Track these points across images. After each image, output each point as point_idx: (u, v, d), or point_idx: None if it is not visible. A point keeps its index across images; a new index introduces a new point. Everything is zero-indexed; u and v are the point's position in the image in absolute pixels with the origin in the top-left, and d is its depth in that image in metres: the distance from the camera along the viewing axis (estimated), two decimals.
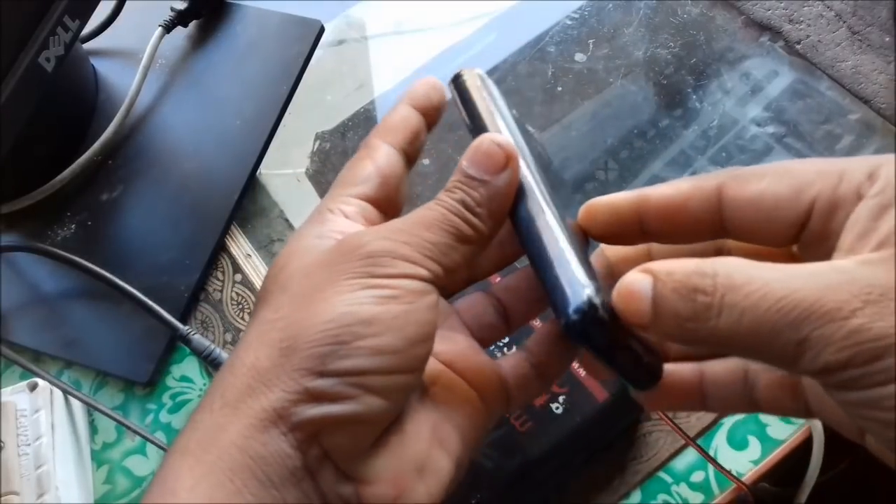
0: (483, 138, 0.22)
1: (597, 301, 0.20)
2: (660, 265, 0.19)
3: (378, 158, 0.25)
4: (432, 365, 0.23)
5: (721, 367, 0.25)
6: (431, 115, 0.27)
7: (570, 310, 0.20)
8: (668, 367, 0.24)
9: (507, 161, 0.22)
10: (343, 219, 0.23)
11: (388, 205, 0.25)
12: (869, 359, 0.16)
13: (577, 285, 0.20)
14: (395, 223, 0.22)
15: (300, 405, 0.19)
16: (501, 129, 0.24)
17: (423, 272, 0.21)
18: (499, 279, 0.28)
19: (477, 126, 0.25)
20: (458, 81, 0.27)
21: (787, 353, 0.17)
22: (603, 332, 0.20)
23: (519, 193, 0.23)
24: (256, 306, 0.23)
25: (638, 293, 0.19)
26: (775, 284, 0.17)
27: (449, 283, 0.22)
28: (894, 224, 0.18)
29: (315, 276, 0.21)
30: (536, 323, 0.33)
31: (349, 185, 0.24)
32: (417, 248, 0.21)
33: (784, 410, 0.24)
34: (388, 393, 0.20)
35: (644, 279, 0.19)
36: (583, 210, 0.25)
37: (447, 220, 0.22)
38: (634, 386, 0.22)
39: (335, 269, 0.21)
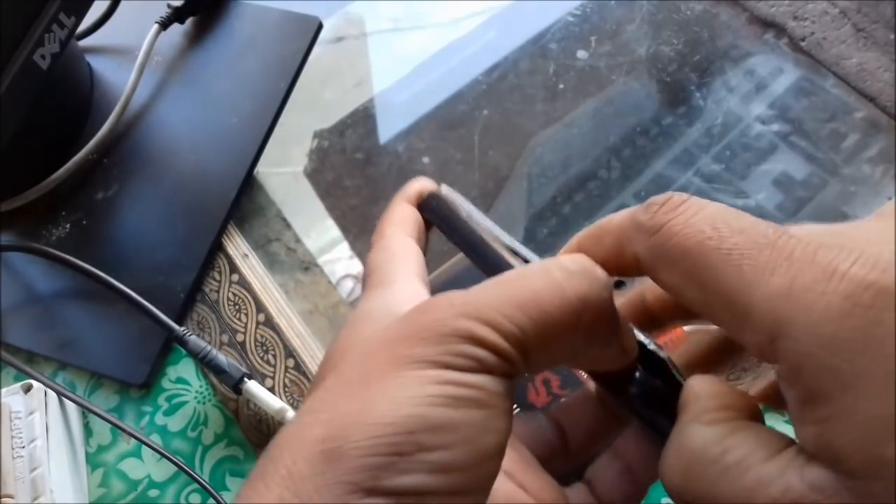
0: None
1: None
2: None
3: (407, 243, 0.23)
4: None
5: None
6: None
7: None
8: None
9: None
10: (415, 286, 0.21)
11: None
12: None
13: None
14: (487, 291, 0.18)
15: None
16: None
17: (508, 367, 0.17)
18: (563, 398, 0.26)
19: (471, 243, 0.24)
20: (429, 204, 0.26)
21: None
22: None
23: None
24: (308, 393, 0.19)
25: None
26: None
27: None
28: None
29: (377, 355, 0.17)
30: None
31: (397, 263, 0.22)
32: (509, 333, 0.17)
33: None
34: None
35: None
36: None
37: (561, 296, 0.17)
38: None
39: (404, 349, 0.17)
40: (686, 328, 0.35)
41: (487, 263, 0.23)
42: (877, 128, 0.44)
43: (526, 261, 0.23)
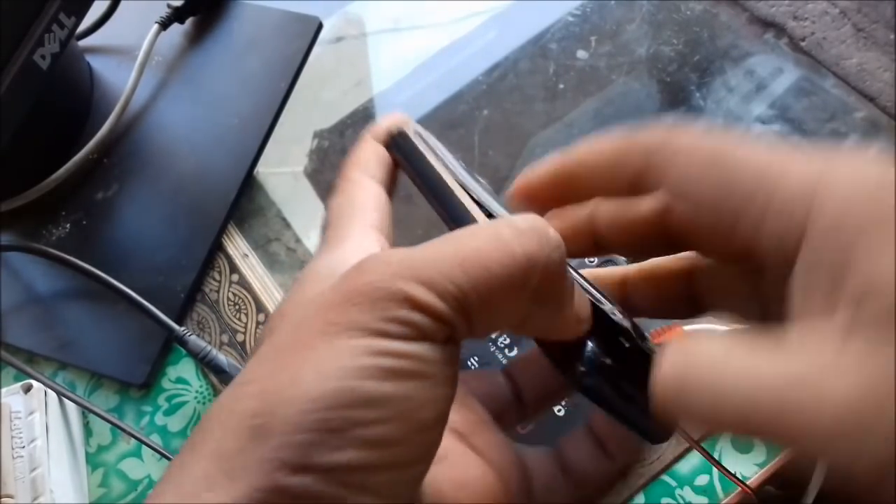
0: None
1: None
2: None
3: (370, 189, 0.21)
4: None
5: None
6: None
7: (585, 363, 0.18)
8: None
9: None
10: (368, 242, 0.20)
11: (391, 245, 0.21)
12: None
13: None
14: (427, 248, 0.17)
15: None
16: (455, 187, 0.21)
17: (448, 332, 0.16)
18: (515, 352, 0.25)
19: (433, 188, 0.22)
20: (396, 144, 0.24)
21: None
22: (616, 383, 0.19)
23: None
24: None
25: None
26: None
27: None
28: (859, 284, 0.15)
29: (310, 322, 0.16)
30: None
31: (355, 214, 0.21)
32: (448, 294, 0.16)
33: None
34: (387, 492, 0.15)
35: None
36: (517, 185, 0.22)
37: (507, 254, 0.16)
38: (650, 438, 0.20)
39: (336, 315, 0.16)
40: (686, 327, 0.35)
41: (449, 214, 0.21)
42: (877, 128, 0.44)
43: (491, 216, 0.21)
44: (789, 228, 0.16)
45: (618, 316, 0.19)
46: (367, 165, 0.22)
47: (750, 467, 0.37)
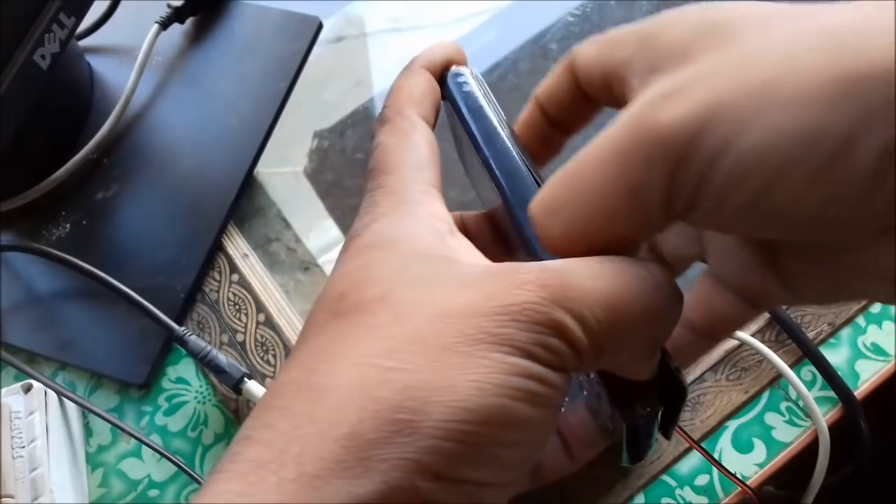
0: None
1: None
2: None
3: (426, 135, 0.21)
4: None
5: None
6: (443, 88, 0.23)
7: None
8: None
9: None
10: (435, 209, 0.20)
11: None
12: (686, 153, 0.15)
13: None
14: (578, 278, 0.16)
15: None
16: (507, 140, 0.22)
17: (578, 365, 0.16)
18: None
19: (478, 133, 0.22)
20: (454, 83, 0.23)
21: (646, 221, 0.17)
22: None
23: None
24: (331, 309, 0.17)
25: None
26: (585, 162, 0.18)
27: None
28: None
29: (458, 322, 0.16)
30: None
31: (417, 171, 0.20)
32: (591, 331, 0.16)
33: (736, 319, 0.22)
34: None
35: None
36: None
37: (648, 306, 0.17)
38: (632, 461, 0.21)
39: (491, 325, 0.15)
40: None
41: (507, 183, 0.21)
42: None
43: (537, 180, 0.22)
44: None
45: (681, 374, 0.20)
46: (421, 102, 0.22)
47: (750, 467, 0.37)
